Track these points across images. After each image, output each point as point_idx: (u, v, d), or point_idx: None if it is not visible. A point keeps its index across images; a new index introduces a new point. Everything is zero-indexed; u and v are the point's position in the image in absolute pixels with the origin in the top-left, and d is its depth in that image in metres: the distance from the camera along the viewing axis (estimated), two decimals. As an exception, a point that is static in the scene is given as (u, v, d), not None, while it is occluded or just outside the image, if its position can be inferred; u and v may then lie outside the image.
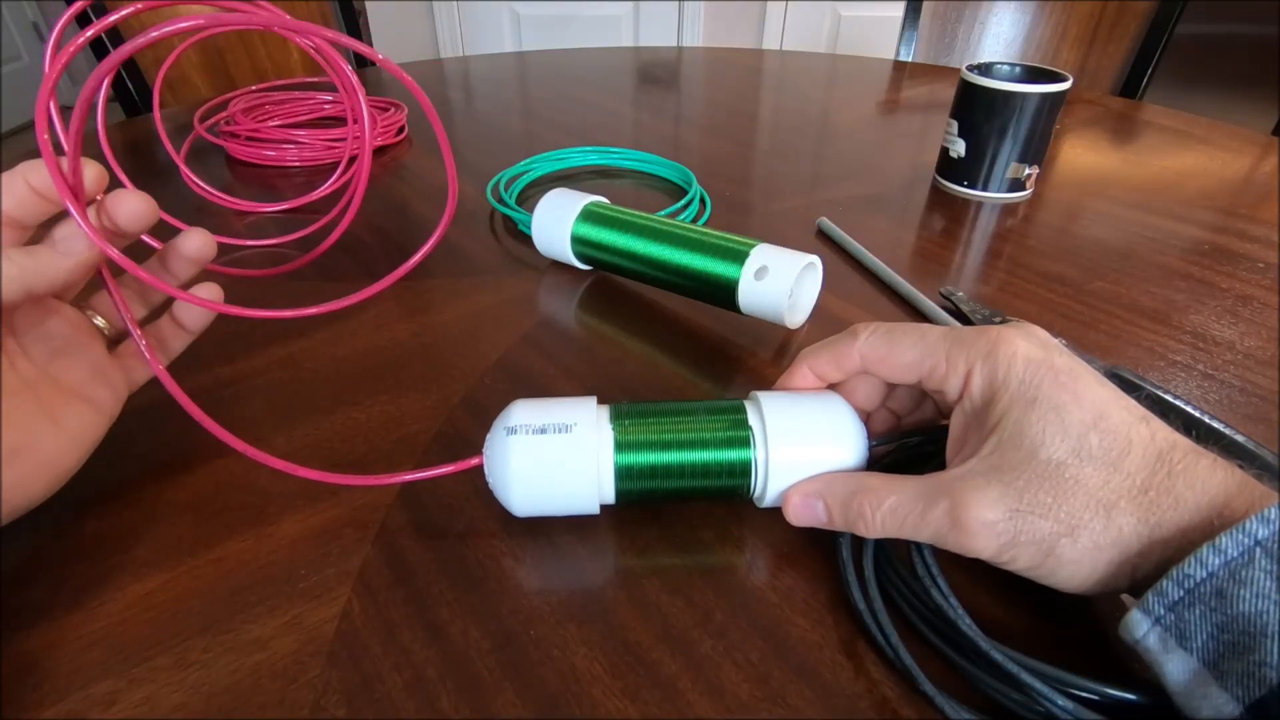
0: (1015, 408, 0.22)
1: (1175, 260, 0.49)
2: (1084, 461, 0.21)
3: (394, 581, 0.26)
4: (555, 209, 0.44)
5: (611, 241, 0.42)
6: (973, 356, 0.24)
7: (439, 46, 2.33)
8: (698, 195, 0.56)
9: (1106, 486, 0.21)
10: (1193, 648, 0.19)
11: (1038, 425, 0.22)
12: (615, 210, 0.43)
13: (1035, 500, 0.21)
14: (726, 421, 0.27)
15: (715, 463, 0.26)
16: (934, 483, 0.23)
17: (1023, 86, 0.52)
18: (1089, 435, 0.21)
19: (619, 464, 0.26)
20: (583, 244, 0.43)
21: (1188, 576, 0.19)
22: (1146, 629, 0.20)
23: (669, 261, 0.40)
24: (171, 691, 0.22)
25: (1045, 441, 0.22)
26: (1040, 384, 0.22)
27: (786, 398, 0.28)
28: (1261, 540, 0.18)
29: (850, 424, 0.27)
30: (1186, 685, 0.19)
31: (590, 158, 0.64)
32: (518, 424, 0.26)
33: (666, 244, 0.40)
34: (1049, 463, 0.21)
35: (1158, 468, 0.21)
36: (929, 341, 0.25)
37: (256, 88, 0.72)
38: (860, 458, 0.26)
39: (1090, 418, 0.22)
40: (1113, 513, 0.21)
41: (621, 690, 0.22)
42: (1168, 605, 0.19)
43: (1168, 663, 0.19)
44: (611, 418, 0.27)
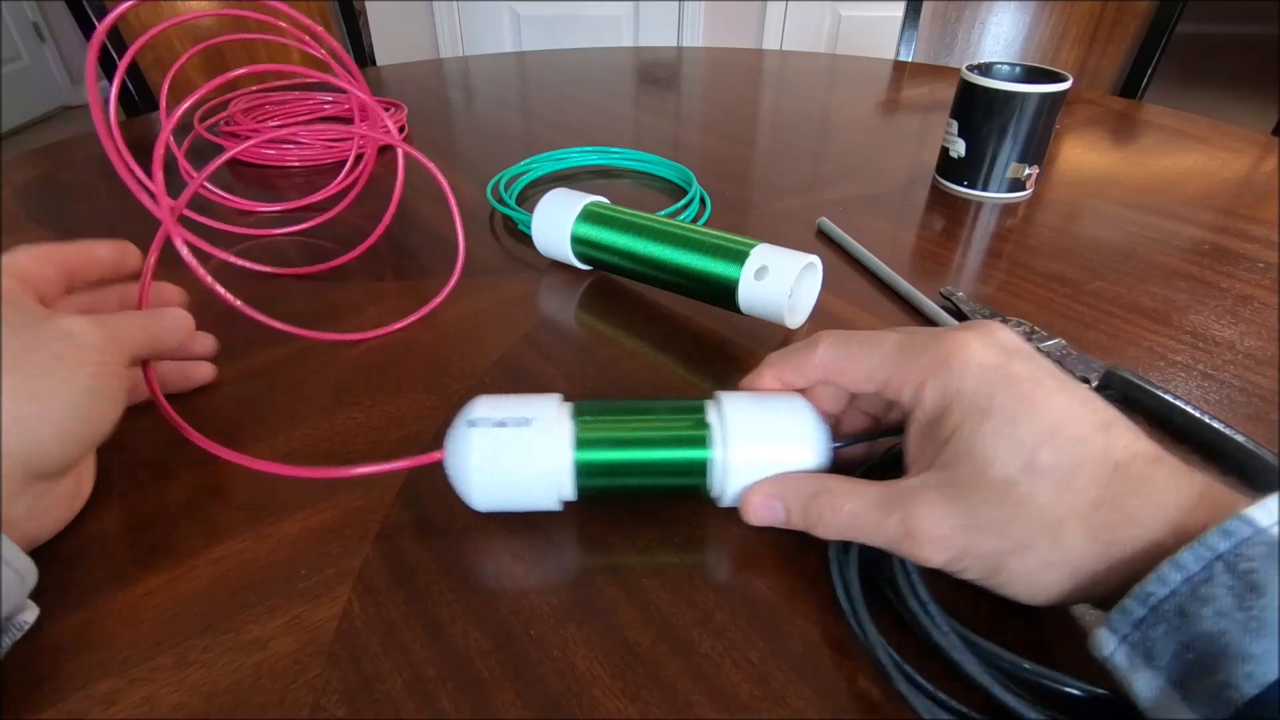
0: (968, 421, 0.22)
1: (1175, 260, 0.49)
2: (1034, 478, 0.21)
3: (394, 581, 0.26)
4: (555, 209, 0.44)
5: (611, 241, 0.42)
6: (925, 368, 0.23)
7: (439, 46, 2.33)
8: (698, 195, 0.56)
9: (1056, 505, 0.21)
10: (1159, 666, 0.18)
11: (989, 440, 0.22)
12: (615, 210, 0.43)
13: (984, 518, 0.21)
14: (687, 420, 0.27)
15: (674, 461, 0.27)
16: (892, 491, 0.23)
17: (1023, 86, 0.52)
18: (1040, 450, 0.21)
19: (579, 460, 0.26)
20: (583, 244, 0.43)
21: (1150, 594, 0.18)
22: (1113, 647, 0.19)
23: (669, 261, 0.40)
24: (171, 691, 0.22)
25: (996, 458, 0.21)
26: (994, 394, 0.22)
27: (749, 398, 0.28)
28: (1222, 554, 0.18)
29: (811, 425, 0.27)
30: (1155, 703, 0.19)
31: (590, 158, 0.64)
32: (478, 417, 0.26)
33: (666, 244, 0.40)
34: (999, 480, 0.21)
35: (1112, 481, 0.20)
36: (884, 353, 0.25)
37: (257, 88, 0.72)
38: (821, 459, 0.27)
39: (1044, 430, 0.21)
40: (1061, 532, 0.21)
41: (621, 690, 0.22)
42: (1133, 623, 0.19)
43: (1136, 681, 0.19)
44: (573, 414, 0.27)
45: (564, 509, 0.28)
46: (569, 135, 0.72)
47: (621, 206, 0.44)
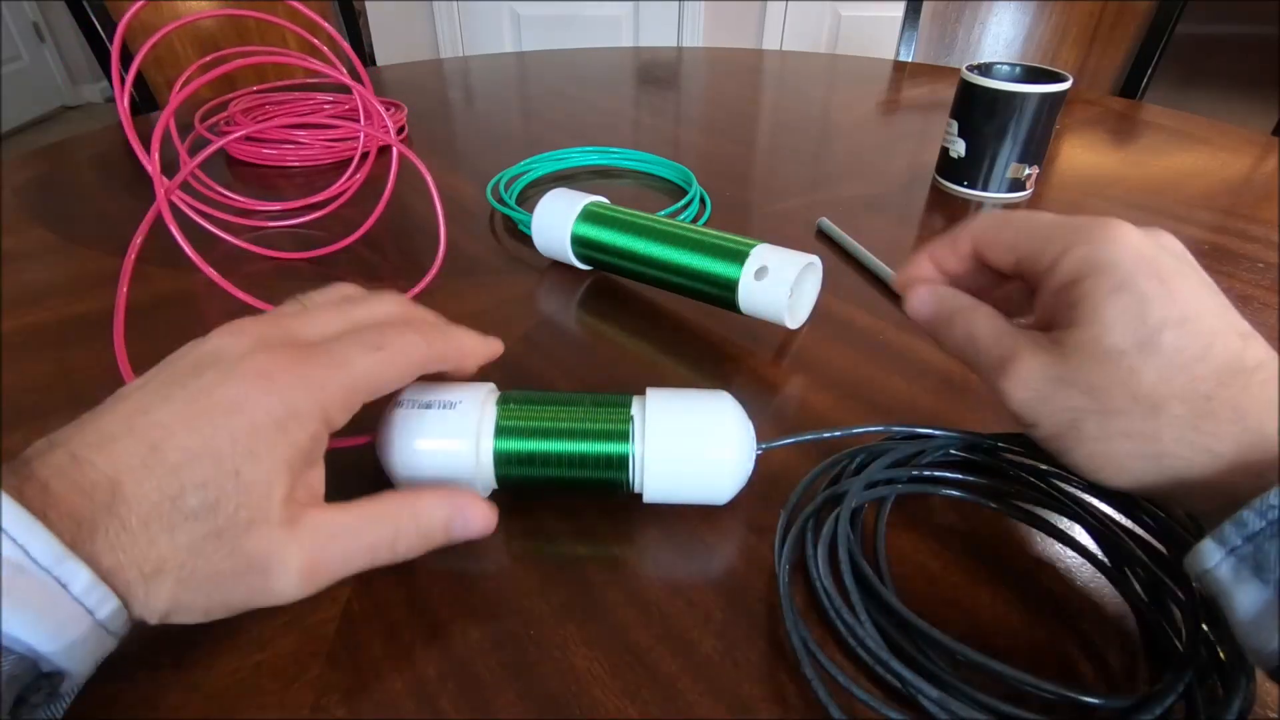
0: (1099, 290, 0.22)
1: (1175, 260, 0.48)
2: (1146, 356, 0.21)
3: (394, 581, 0.26)
4: (555, 209, 0.44)
5: (611, 241, 0.42)
6: (1076, 237, 0.23)
7: (439, 46, 2.33)
8: (698, 195, 0.56)
9: (1162, 384, 0.21)
10: (1270, 579, 0.18)
11: (1114, 310, 0.22)
12: (615, 210, 0.43)
13: (1080, 377, 0.22)
14: (609, 414, 0.27)
15: (592, 454, 0.27)
16: (1011, 330, 0.25)
17: (1023, 86, 0.52)
18: (1164, 331, 0.21)
19: (498, 447, 0.27)
20: (583, 244, 0.43)
21: (1271, 507, 0.18)
22: (1219, 559, 0.19)
23: (669, 261, 0.40)
24: (171, 691, 0.22)
25: (1115, 327, 0.21)
26: (1136, 274, 0.22)
27: (676, 395, 0.28)
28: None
29: (734, 425, 0.27)
30: (1257, 616, 0.19)
31: (590, 158, 0.64)
32: (405, 398, 0.27)
33: (666, 244, 0.40)
34: (1109, 348, 0.21)
35: (1234, 382, 0.20)
36: (1037, 221, 0.25)
37: (257, 88, 0.72)
38: (742, 458, 0.27)
39: (1176, 315, 0.21)
40: (1159, 410, 0.21)
41: (621, 690, 0.22)
42: (1246, 536, 0.19)
43: (1239, 593, 0.19)
44: (499, 401, 0.27)
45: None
46: (569, 135, 0.72)
47: (621, 206, 0.44)
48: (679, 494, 0.27)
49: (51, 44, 3.01)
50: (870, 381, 0.37)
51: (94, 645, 0.19)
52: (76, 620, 0.18)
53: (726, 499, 0.28)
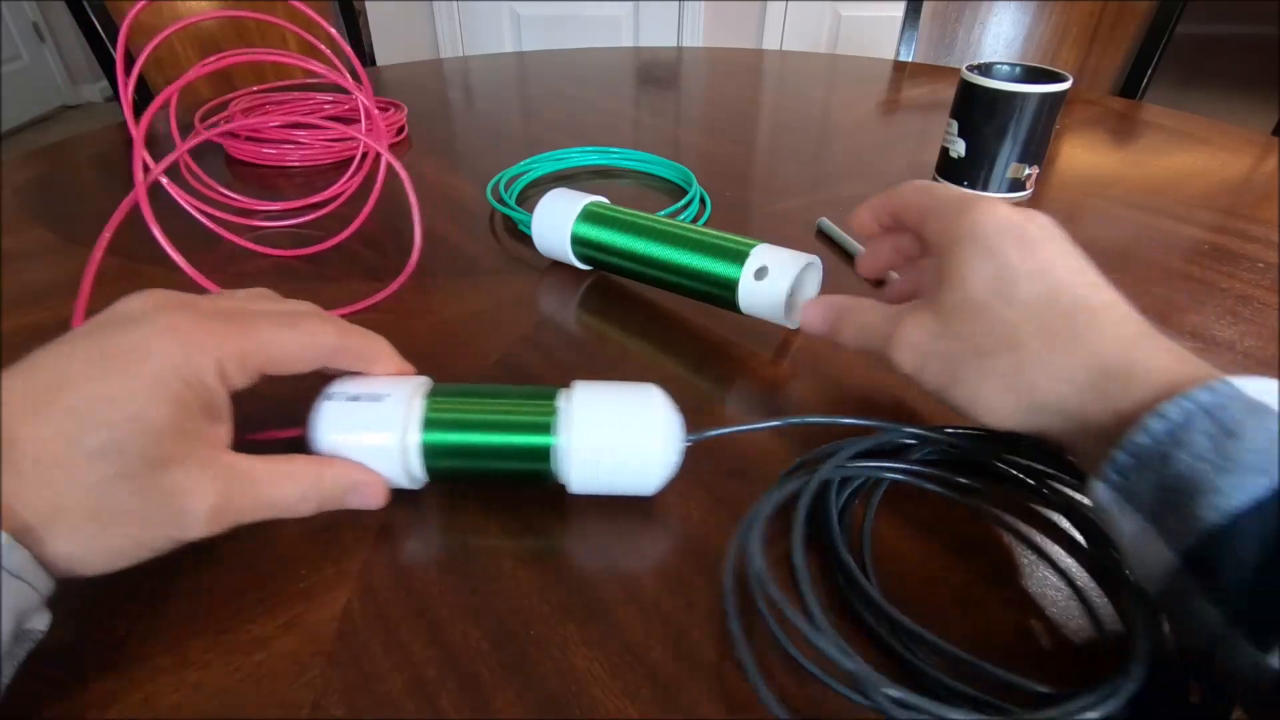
0: (967, 256, 0.26)
1: (1175, 260, 0.49)
2: (1006, 304, 0.25)
3: (394, 581, 0.26)
4: (555, 209, 0.44)
5: (611, 241, 0.42)
6: (957, 212, 0.27)
7: (439, 46, 2.33)
8: (698, 195, 0.56)
9: (1022, 326, 0.24)
10: (1140, 506, 0.21)
11: (978, 269, 0.25)
12: (615, 210, 0.43)
13: (953, 329, 0.26)
14: (535, 407, 0.27)
15: (518, 446, 0.27)
16: (893, 310, 0.28)
17: (1023, 86, 0.52)
18: (1020, 283, 0.25)
19: (425, 440, 0.27)
20: (583, 244, 0.43)
21: (1136, 444, 0.21)
22: (1104, 494, 0.22)
23: (669, 261, 0.40)
24: (171, 691, 0.22)
25: (979, 283, 0.25)
26: (1000, 240, 0.25)
27: (603, 388, 0.28)
28: (1206, 405, 0.20)
29: (656, 417, 0.27)
30: (1134, 541, 0.21)
31: (590, 158, 0.64)
32: (335, 391, 0.27)
33: (666, 244, 0.40)
34: (975, 300, 0.25)
35: (1078, 318, 0.24)
36: (936, 195, 0.29)
37: (257, 88, 0.72)
38: (667, 450, 0.27)
39: (1032, 269, 0.25)
40: (1021, 347, 0.24)
41: (621, 690, 0.22)
42: (1119, 471, 0.21)
43: (1122, 521, 0.21)
44: (428, 395, 0.28)
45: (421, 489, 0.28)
46: (569, 135, 0.72)
47: (621, 206, 0.44)
48: (603, 485, 0.28)
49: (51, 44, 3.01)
50: (869, 381, 0.37)
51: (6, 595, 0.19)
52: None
53: (652, 490, 0.28)
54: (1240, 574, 0.18)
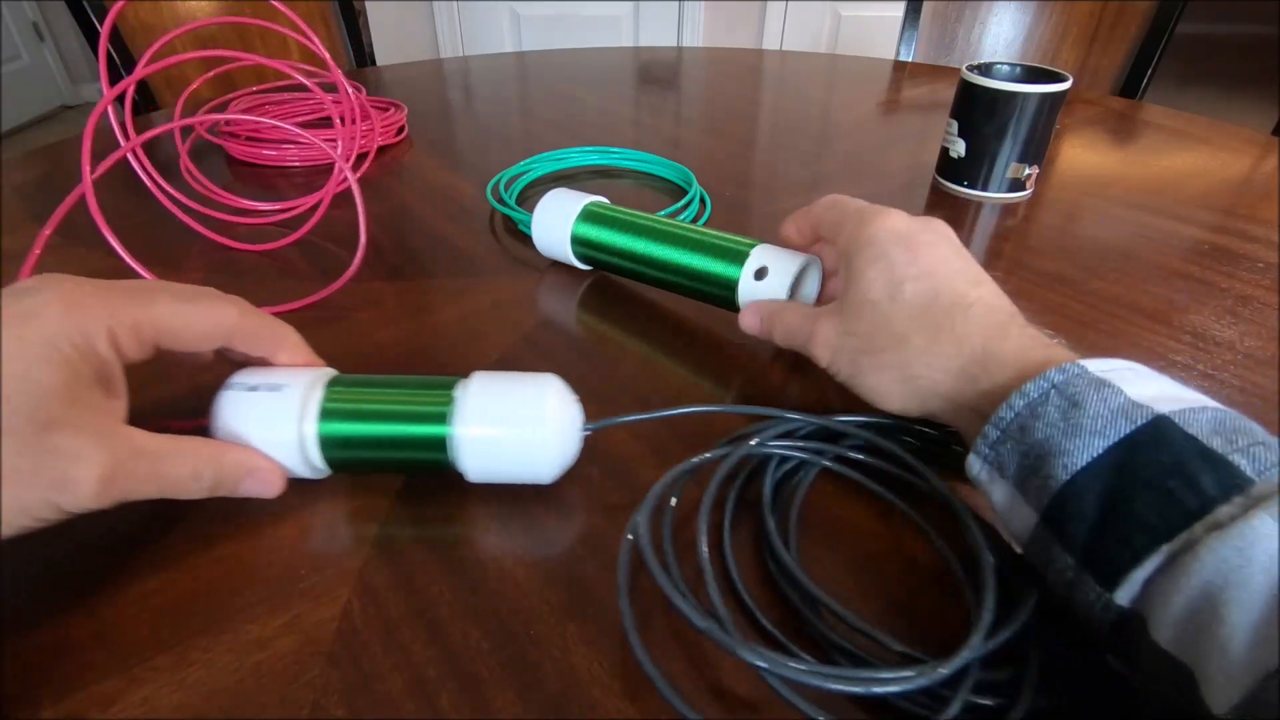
0: (863, 262, 0.29)
1: (1175, 260, 0.49)
2: (894, 304, 0.28)
3: (394, 581, 0.26)
4: (555, 209, 0.44)
5: (611, 241, 0.42)
6: (857, 224, 0.30)
7: (439, 46, 2.33)
8: (698, 195, 0.56)
9: (906, 323, 0.28)
10: (1008, 475, 0.24)
11: (871, 274, 0.29)
12: (615, 210, 0.43)
13: (854, 327, 0.29)
14: (432, 397, 0.28)
15: (413, 436, 0.27)
16: (811, 311, 0.32)
17: (1023, 86, 0.52)
18: (905, 285, 0.28)
19: (322, 431, 0.27)
20: (583, 244, 0.43)
21: (1001, 419, 0.24)
22: (979, 467, 0.25)
23: (669, 261, 0.40)
24: (171, 691, 0.22)
25: (872, 286, 0.29)
26: (890, 247, 0.29)
27: (502, 378, 0.28)
28: (1056, 384, 0.23)
29: (549, 406, 0.27)
30: (1004, 507, 0.24)
31: (590, 158, 0.64)
32: (235, 381, 0.27)
33: (666, 244, 0.40)
34: (869, 301, 0.29)
35: (953, 314, 0.27)
36: (845, 209, 0.32)
37: (257, 88, 0.72)
38: (559, 439, 0.27)
39: (916, 272, 0.28)
40: (905, 342, 0.28)
41: (621, 690, 0.22)
42: (989, 444, 0.24)
43: (993, 492, 0.24)
44: (328, 384, 0.28)
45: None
46: (569, 135, 0.72)
47: (621, 206, 0.44)
48: (498, 473, 0.28)
49: (51, 44, 3.01)
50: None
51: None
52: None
53: (549, 479, 0.28)
54: (1084, 523, 0.21)
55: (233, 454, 0.26)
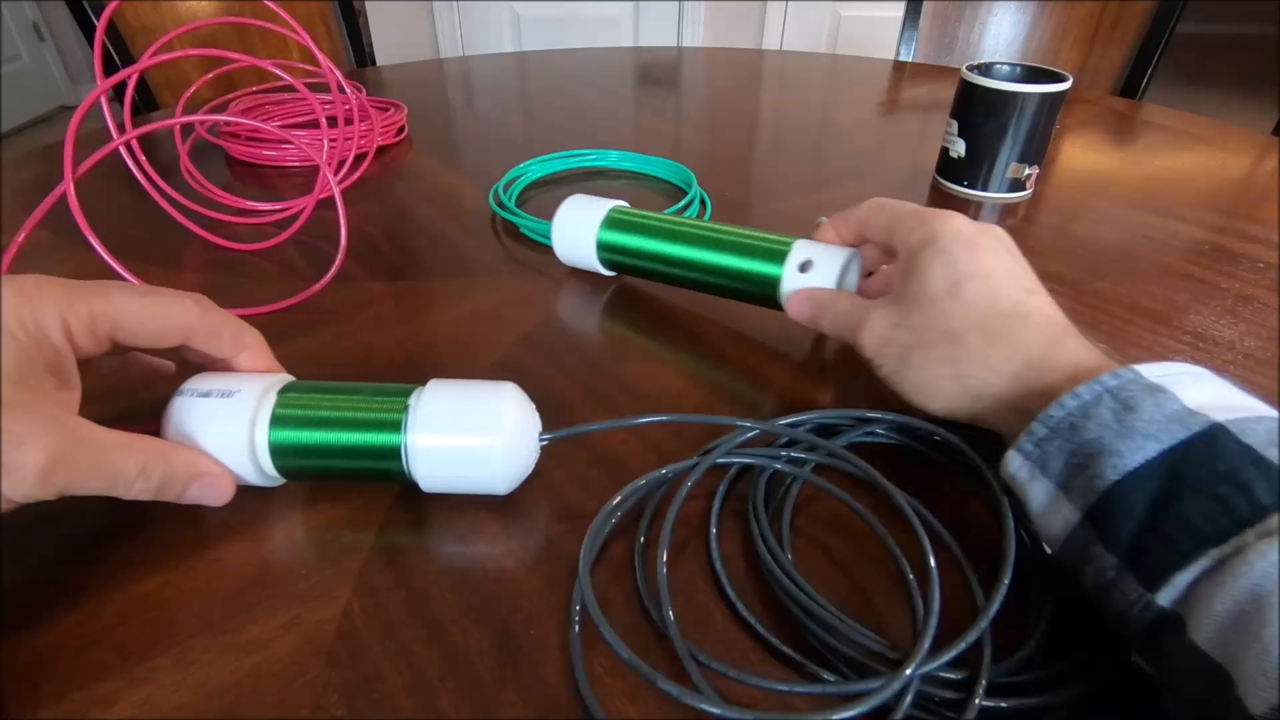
0: (926, 257, 0.29)
1: (1175, 260, 0.49)
2: (953, 301, 0.28)
3: (394, 581, 0.26)
4: (576, 217, 0.43)
5: (642, 246, 0.41)
6: (919, 222, 0.31)
7: (439, 46, 2.33)
8: (697, 196, 0.56)
9: (963, 321, 0.28)
10: (1051, 474, 0.24)
11: (933, 269, 0.29)
12: (643, 215, 0.42)
13: (908, 319, 0.29)
14: (385, 404, 0.27)
15: (365, 444, 0.27)
16: (862, 301, 0.32)
17: (1023, 86, 0.52)
18: (966, 284, 0.28)
19: (272, 438, 0.26)
20: (611, 250, 0.42)
21: (1051, 416, 0.24)
22: (1019, 464, 0.25)
23: (707, 263, 0.39)
24: (171, 691, 0.22)
25: (933, 280, 0.29)
26: (954, 246, 0.29)
27: (457, 386, 0.28)
28: (1110, 388, 0.23)
29: (504, 415, 0.27)
30: (1044, 506, 0.24)
31: (588, 159, 0.64)
32: (188, 387, 0.27)
33: (703, 246, 0.39)
34: (928, 295, 0.29)
35: (1012, 323, 0.27)
36: (899, 210, 0.33)
37: (257, 88, 0.72)
38: (513, 448, 0.27)
39: (976, 272, 0.28)
40: (960, 341, 0.28)
41: (621, 690, 0.22)
42: (1035, 442, 0.24)
43: (1031, 490, 0.24)
44: (281, 390, 0.27)
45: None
46: (569, 135, 0.72)
47: (642, 210, 0.43)
48: (452, 483, 0.27)
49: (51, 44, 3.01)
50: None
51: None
52: None
53: (504, 490, 0.28)
54: (1132, 523, 0.21)
55: (182, 455, 0.25)
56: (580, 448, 0.32)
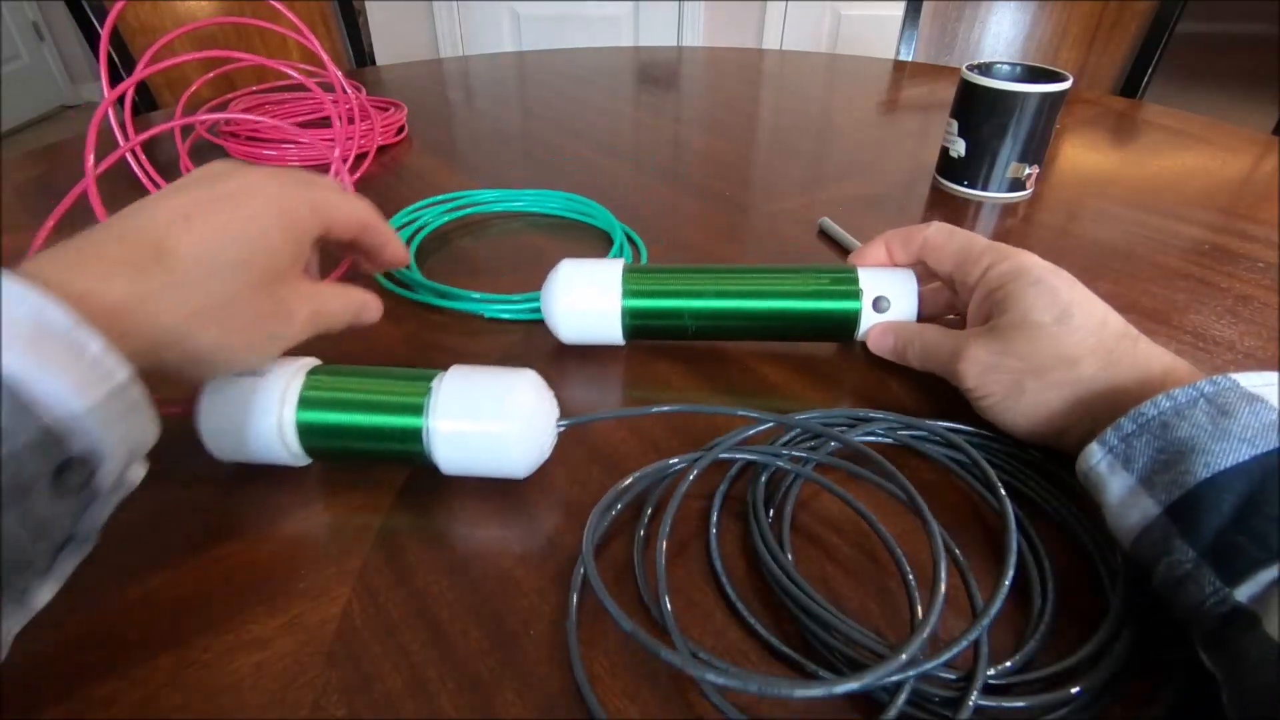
0: (1021, 285, 0.30)
1: (1175, 260, 0.49)
2: (1063, 327, 0.29)
3: (394, 581, 0.26)
4: (583, 294, 0.36)
5: (684, 307, 0.36)
6: (999, 257, 0.32)
7: (439, 46, 2.33)
8: (621, 241, 0.47)
9: (1079, 345, 0.29)
10: (1134, 469, 0.24)
11: (1033, 298, 0.30)
12: (673, 272, 0.37)
13: (1015, 349, 0.30)
14: (409, 388, 0.28)
15: (389, 426, 0.27)
16: (955, 333, 0.33)
17: (1023, 86, 0.52)
18: (1072, 308, 0.29)
19: (300, 419, 0.27)
20: (641, 317, 0.36)
21: (1141, 414, 0.24)
22: (1100, 457, 0.25)
23: (771, 311, 0.36)
24: (171, 691, 0.22)
25: (1036, 307, 0.29)
26: (1046, 274, 0.30)
27: (479, 372, 0.29)
28: (1206, 393, 0.24)
29: (522, 399, 0.27)
30: (1121, 499, 0.24)
31: (489, 201, 0.55)
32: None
33: (763, 298, 0.36)
34: (1035, 324, 0.29)
35: (1122, 340, 0.29)
36: (972, 244, 0.33)
37: (257, 88, 0.72)
38: (531, 432, 0.27)
39: (1076, 299, 0.29)
40: (1078, 364, 0.28)
41: (621, 690, 0.22)
42: (1121, 437, 0.25)
43: (1111, 482, 0.25)
44: (309, 373, 0.28)
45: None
46: (569, 135, 0.72)
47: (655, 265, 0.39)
48: (471, 466, 0.28)
49: (51, 44, 3.01)
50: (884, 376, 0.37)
51: (119, 419, 0.20)
52: (97, 380, 0.20)
53: (523, 473, 0.28)
54: (1218, 520, 0.22)
55: (357, 293, 0.31)
56: (580, 446, 0.32)
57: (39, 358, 0.18)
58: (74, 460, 0.19)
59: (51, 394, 0.18)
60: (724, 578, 0.26)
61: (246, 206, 0.25)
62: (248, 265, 0.25)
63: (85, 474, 0.20)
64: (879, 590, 0.26)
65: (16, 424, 0.18)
